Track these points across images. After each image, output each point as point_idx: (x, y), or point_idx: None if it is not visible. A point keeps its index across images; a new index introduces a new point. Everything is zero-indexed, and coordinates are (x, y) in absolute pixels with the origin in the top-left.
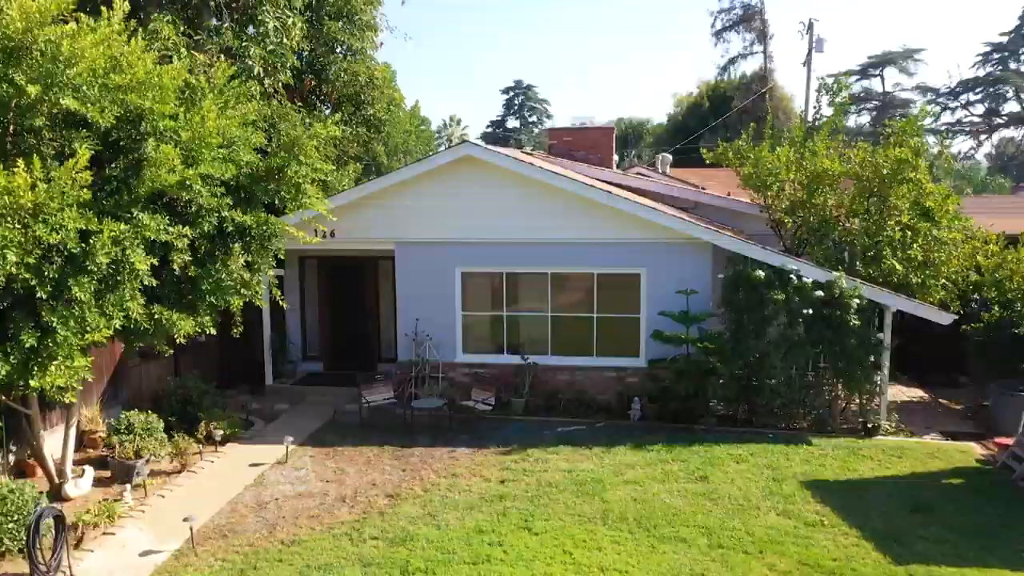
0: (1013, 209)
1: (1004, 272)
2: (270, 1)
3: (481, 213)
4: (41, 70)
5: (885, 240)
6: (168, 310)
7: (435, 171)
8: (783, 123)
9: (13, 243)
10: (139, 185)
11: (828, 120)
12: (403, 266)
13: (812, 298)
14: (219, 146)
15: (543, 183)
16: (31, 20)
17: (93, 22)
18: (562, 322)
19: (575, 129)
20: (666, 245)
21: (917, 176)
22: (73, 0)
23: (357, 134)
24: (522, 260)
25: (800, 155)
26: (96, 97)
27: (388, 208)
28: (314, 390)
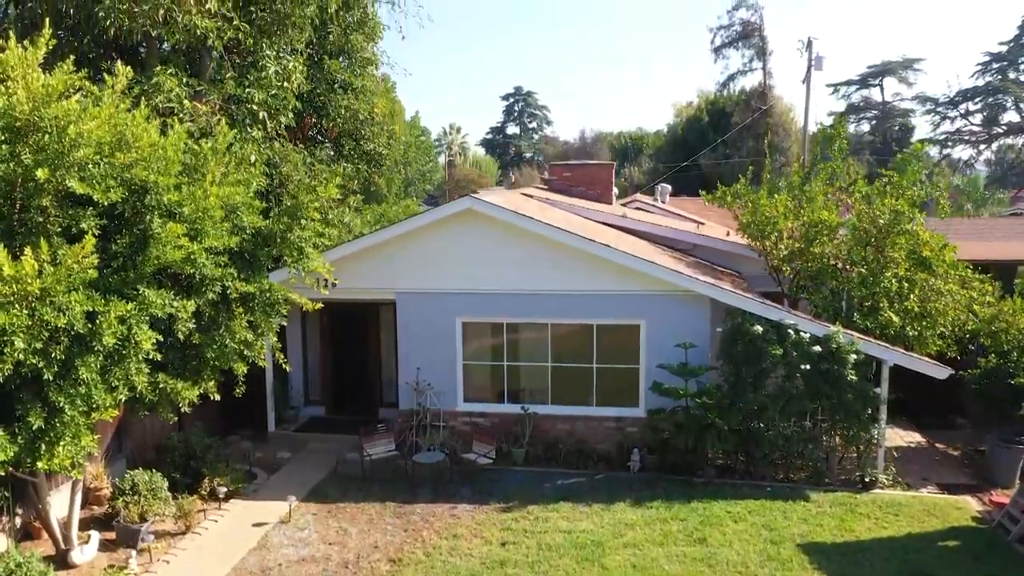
0: (1011, 232)
1: (1000, 324)
2: (270, 46)
3: (482, 264)
4: (48, 152)
5: (882, 292)
6: (173, 379)
7: (436, 223)
8: (782, 139)
9: (21, 328)
10: (144, 263)
11: (826, 166)
12: (404, 315)
13: (810, 353)
14: (222, 219)
15: (543, 236)
16: (37, 100)
17: (98, 91)
18: (562, 372)
19: (574, 165)
20: (665, 297)
21: (914, 227)
22: (78, 76)
23: (358, 170)
24: (522, 311)
25: (798, 202)
26: (101, 175)
27: (389, 258)
28: (316, 437)
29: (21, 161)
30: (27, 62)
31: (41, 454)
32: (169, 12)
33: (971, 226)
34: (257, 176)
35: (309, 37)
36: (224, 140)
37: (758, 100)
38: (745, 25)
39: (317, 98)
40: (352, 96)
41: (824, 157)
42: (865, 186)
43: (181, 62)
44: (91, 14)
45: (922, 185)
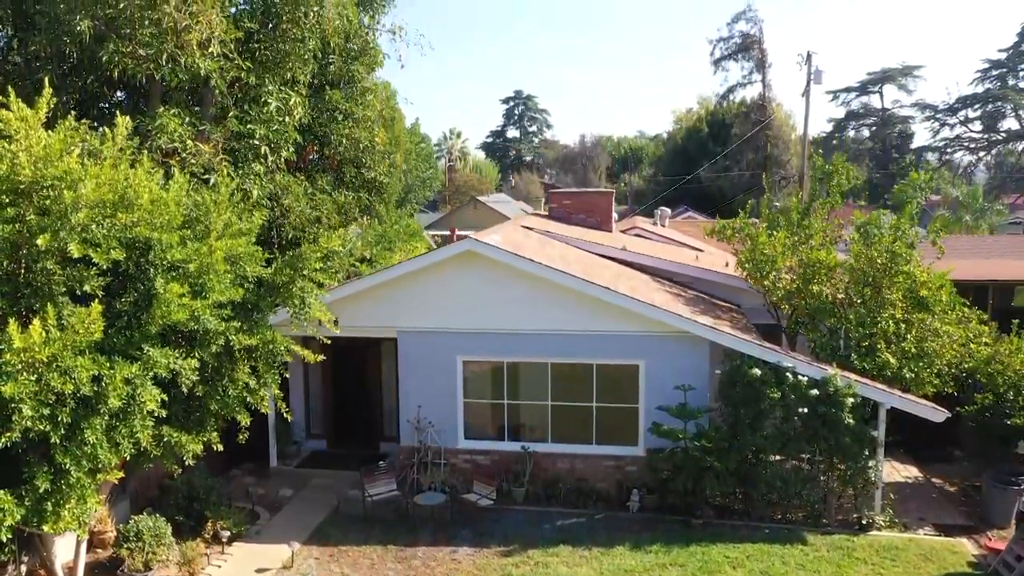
0: (1011, 249)
1: (996, 366)
2: (272, 80)
3: (482, 304)
4: (50, 213)
5: (880, 333)
6: (177, 431)
7: (437, 265)
8: (781, 151)
9: (28, 396)
10: (149, 322)
11: (824, 202)
12: (405, 353)
13: (807, 396)
14: (225, 271)
15: (542, 277)
16: (39, 162)
17: (99, 143)
18: (562, 410)
19: (574, 193)
20: (664, 338)
21: (910, 268)
22: (79, 131)
23: (359, 199)
24: (522, 350)
25: (797, 238)
26: (104, 236)
27: (391, 297)
28: (318, 473)
29: (26, 222)
30: (29, 124)
31: (47, 516)
32: (172, 55)
33: (970, 243)
34: (258, 223)
35: (311, 68)
36: (227, 190)
37: (757, 112)
38: (745, 37)
39: (318, 127)
40: (353, 125)
41: (823, 192)
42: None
43: (184, 99)
44: (94, 55)
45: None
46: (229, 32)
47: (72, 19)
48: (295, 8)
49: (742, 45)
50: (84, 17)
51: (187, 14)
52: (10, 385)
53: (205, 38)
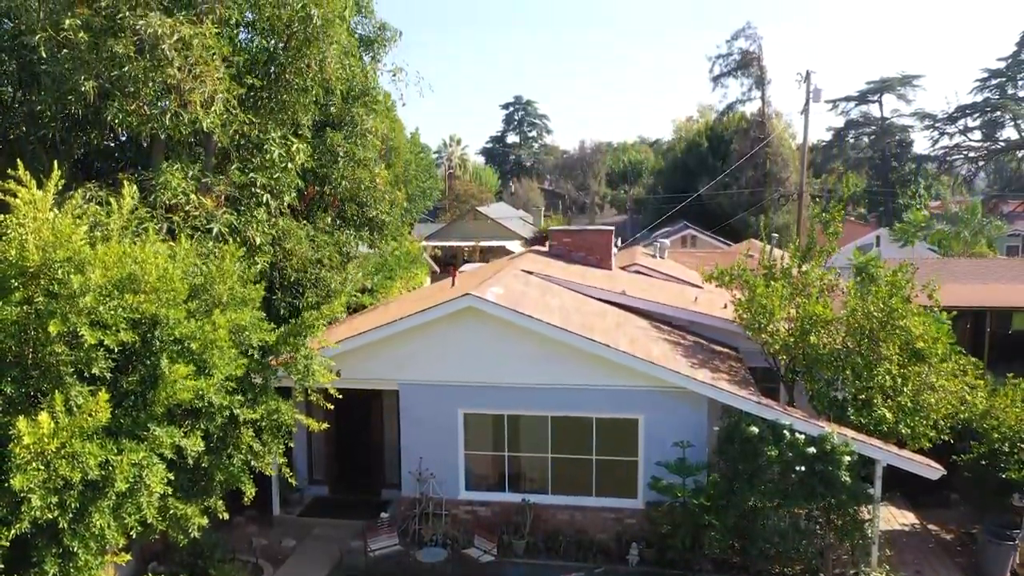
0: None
1: (991, 421)
2: (274, 128)
3: (483, 357)
4: (59, 298)
5: (876, 387)
6: (183, 504)
7: (438, 320)
8: (781, 169)
9: (37, 485)
10: (155, 402)
11: (821, 250)
12: (407, 405)
13: (805, 453)
14: (229, 345)
15: (543, 334)
16: (48, 247)
17: (106, 216)
18: (562, 462)
19: (574, 231)
20: (663, 393)
21: (907, 324)
22: (86, 221)
23: (360, 236)
24: (523, 404)
25: (794, 289)
26: (112, 316)
27: (392, 351)
28: (320, 522)
29: (34, 304)
30: (37, 206)
31: None
32: (176, 113)
33: (969, 266)
34: (261, 290)
35: (312, 113)
36: (231, 259)
37: (757, 129)
38: (744, 55)
39: (319, 168)
40: (354, 165)
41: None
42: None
43: (186, 151)
44: (98, 111)
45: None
46: (232, 89)
47: (76, 79)
48: (298, 58)
49: (741, 62)
50: (88, 78)
51: (191, 75)
52: (20, 478)
53: (208, 97)
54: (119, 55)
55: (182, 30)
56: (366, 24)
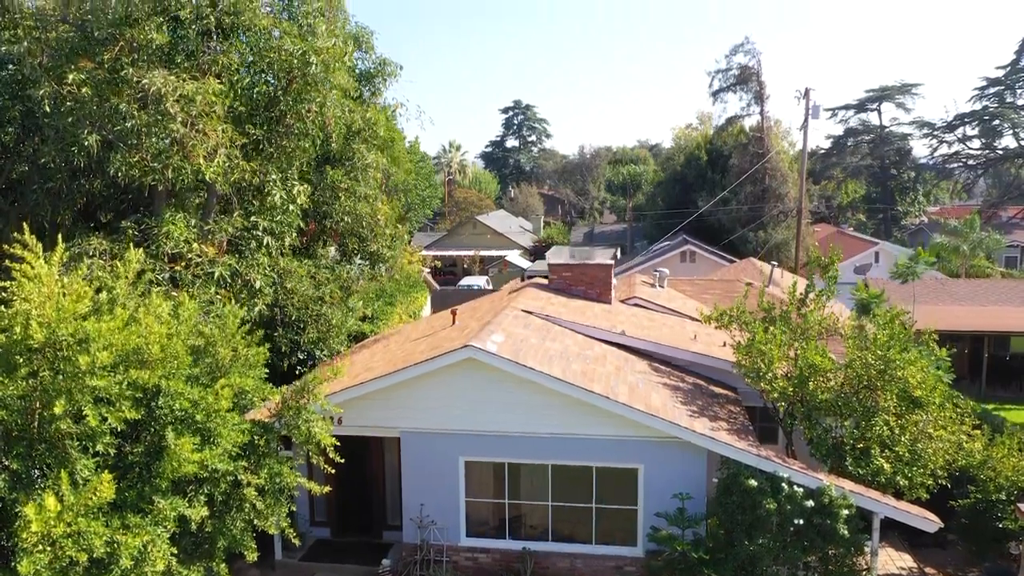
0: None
1: (988, 472)
2: (275, 171)
3: (483, 406)
4: (63, 378)
5: (874, 437)
6: (186, 568)
7: (439, 371)
8: (779, 184)
9: (43, 567)
10: (160, 475)
11: (820, 293)
12: (409, 453)
13: (803, 507)
14: (231, 409)
15: (542, 385)
16: (53, 324)
17: (111, 280)
18: (562, 510)
19: (574, 265)
20: (662, 443)
21: (904, 374)
22: (90, 296)
23: (361, 271)
24: (523, 452)
25: (793, 333)
26: (117, 393)
27: (393, 399)
28: (322, 567)
29: (40, 378)
30: (43, 280)
31: None
32: (179, 167)
33: (968, 288)
34: (264, 355)
35: (313, 154)
36: (234, 322)
37: (755, 144)
38: (743, 70)
39: (320, 205)
40: (355, 200)
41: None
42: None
43: (189, 199)
44: (102, 162)
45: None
46: (235, 139)
47: (80, 132)
48: (298, 102)
49: (740, 77)
50: (92, 131)
51: (193, 129)
52: (26, 562)
53: (211, 149)
54: (122, 111)
55: (185, 87)
56: (367, 59)
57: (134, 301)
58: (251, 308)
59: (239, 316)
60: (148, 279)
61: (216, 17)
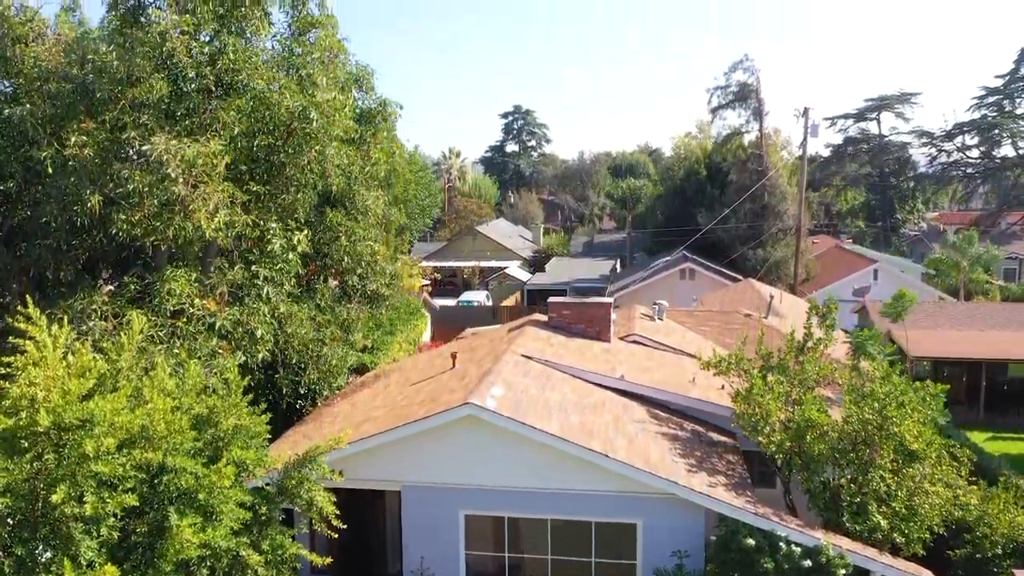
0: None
1: (984, 528)
2: (275, 220)
3: (483, 462)
4: (67, 462)
5: (871, 494)
6: None
7: (439, 427)
8: (778, 202)
9: None
10: (163, 558)
11: (818, 340)
12: (409, 506)
13: (800, 566)
14: (234, 492)
15: (542, 443)
16: (58, 410)
17: (115, 355)
18: (561, 564)
19: (573, 304)
20: (661, 499)
21: (901, 431)
22: (95, 374)
23: (361, 310)
24: (523, 507)
25: (791, 383)
26: (121, 474)
27: (393, 454)
28: None
29: (44, 461)
30: (48, 362)
31: None
32: (180, 225)
33: (966, 311)
34: (266, 428)
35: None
36: (237, 389)
37: (755, 162)
38: (742, 87)
39: (321, 246)
40: (355, 240)
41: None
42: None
43: (190, 254)
44: (104, 219)
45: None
46: (237, 196)
47: (82, 192)
48: (298, 153)
49: (739, 94)
50: (94, 192)
51: (194, 191)
52: None
53: (212, 209)
54: (124, 176)
55: (186, 151)
56: (367, 99)
57: (137, 373)
58: (252, 356)
59: (241, 386)
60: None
61: (216, 75)
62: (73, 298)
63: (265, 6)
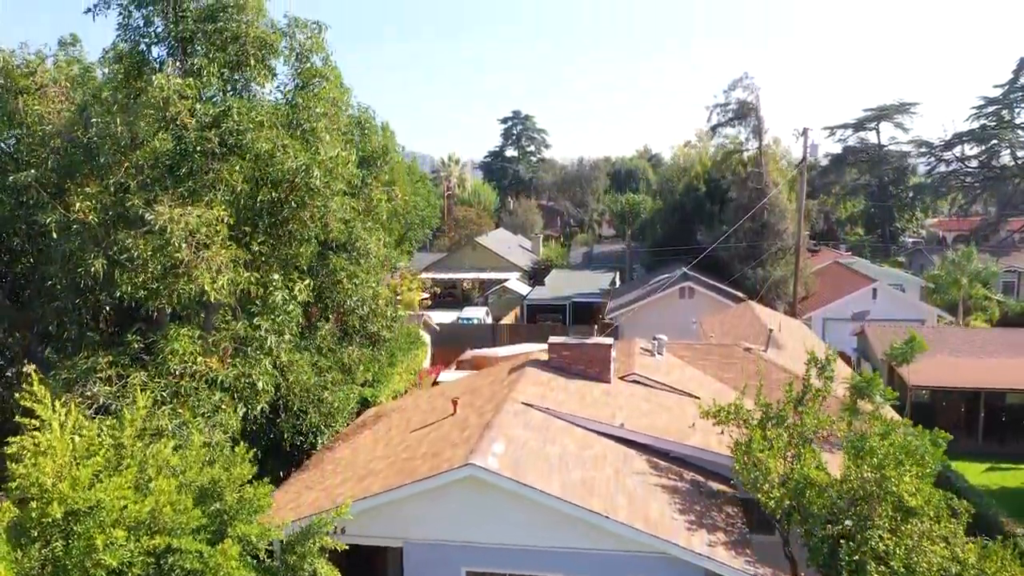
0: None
1: None
2: (277, 272)
3: (484, 520)
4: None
5: (869, 552)
6: None
7: (441, 487)
8: (777, 220)
9: None
10: None
11: (817, 392)
12: (411, 563)
13: None
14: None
15: (543, 503)
16: (68, 500)
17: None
18: None
19: (573, 344)
20: (661, 558)
21: (900, 491)
22: (102, 457)
23: (363, 353)
24: (525, 564)
25: (791, 436)
26: (129, 560)
27: (395, 512)
28: None
29: (52, 551)
30: (56, 452)
31: None
32: (184, 290)
33: (964, 338)
34: (270, 499)
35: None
36: (242, 462)
37: (754, 180)
38: (742, 105)
39: (323, 291)
40: (356, 284)
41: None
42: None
43: (193, 312)
44: (108, 280)
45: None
46: (239, 256)
47: (86, 257)
48: (300, 208)
49: (739, 112)
50: (98, 256)
51: (197, 256)
52: None
53: (215, 271)
54: (128, 245)
55: (189, 219)
56: (368, 143)
57: (140, 448)
58: (253, 407)
59: (248, 456)
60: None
61: (220, 136)
62: (77, 356)
63: (269, 62)
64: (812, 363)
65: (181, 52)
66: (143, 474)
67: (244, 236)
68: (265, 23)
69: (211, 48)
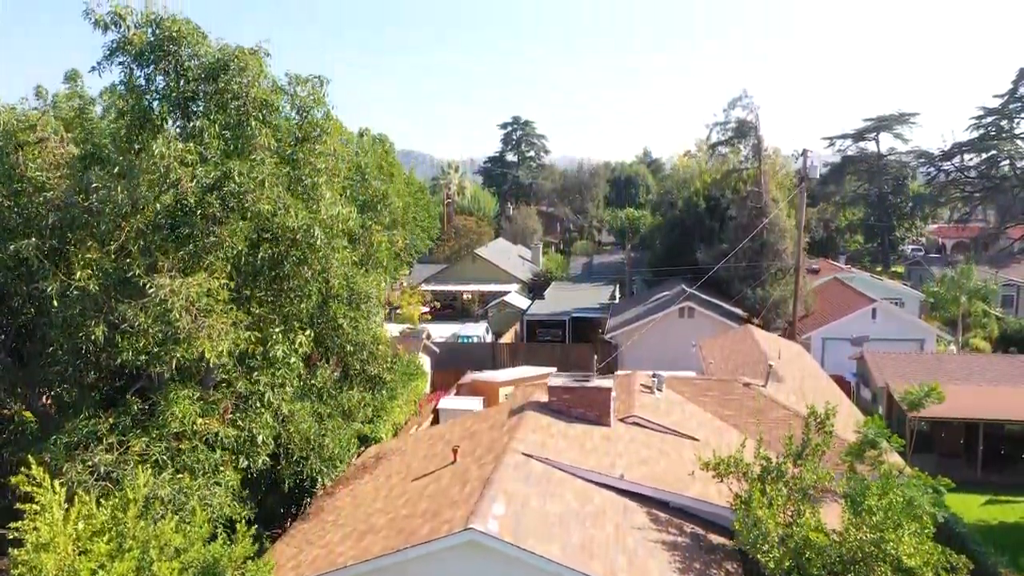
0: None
1: None
2: (279, 326)
3: None
4: None
5: None
6: None
7: (442, 551)
8: (777, 239)
9: None
10: None
11: (817, 445)
12: None
13: None
14: None
15: (543, 568)
16: None
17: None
18: None
19: (573, 388)
20: None
21: (899, 553)
22: (104, 541)
23: (363, 397)
24: None
25: (790, 490)
26: None
27: (395, 571)
28: None
29: None
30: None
31: None
32: (184, 355)
33: (963, 365)
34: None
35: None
36: (245, 541)
37: (753, 199)
38: (741, 124)
39: (323, 337)
40: (356, 329)
41: None
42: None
43: (193, 374)
44: (110, 344)
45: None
46: (240, 319)
47: (87, 323)
48: (300, 264)
49: (739, 131)
50: (99, 323)
51: (197, 326)
52: None
53: (215, 337)
54: (129, 315)
55: (190, 289)
56: (368, 189)
57: (142, 527)
58: (254, 461)
59: (250, 533)
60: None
61: (220, 199)
62: (78, 419)
63: (270, 120)
64: (812, 416)
65: (181, 113)
66: (145, 556)
67: (244, 299)
68: (266, 83)
69: (212, 108)
